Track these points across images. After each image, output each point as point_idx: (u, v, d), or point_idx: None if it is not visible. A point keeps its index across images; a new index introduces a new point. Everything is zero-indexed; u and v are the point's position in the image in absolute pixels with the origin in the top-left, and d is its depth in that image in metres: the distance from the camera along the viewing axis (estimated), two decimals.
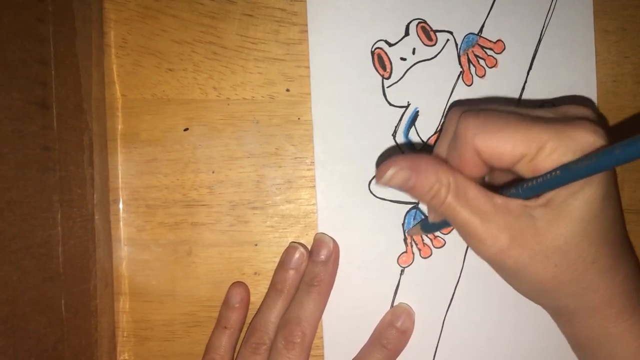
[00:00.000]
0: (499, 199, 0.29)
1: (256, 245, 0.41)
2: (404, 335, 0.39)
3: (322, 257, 0.39)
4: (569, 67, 0.40)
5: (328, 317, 0.40)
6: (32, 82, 0.32)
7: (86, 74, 0.38)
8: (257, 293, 0.41)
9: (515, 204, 0.29)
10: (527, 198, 0.29)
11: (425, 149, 0.40)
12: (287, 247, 0.40)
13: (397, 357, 0.39)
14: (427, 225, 0.37)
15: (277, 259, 0.41)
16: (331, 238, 0.40)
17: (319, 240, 0.40)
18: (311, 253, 0.40)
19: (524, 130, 0.28)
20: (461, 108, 0.31)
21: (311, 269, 0.39)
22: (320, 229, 0.40)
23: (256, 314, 0.40)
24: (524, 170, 0.29)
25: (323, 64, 0.40)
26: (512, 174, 0.32)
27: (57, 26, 0.35)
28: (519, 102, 0.40)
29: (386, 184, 0.30)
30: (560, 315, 0.33)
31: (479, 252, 0.30)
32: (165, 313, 0.41)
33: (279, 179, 0.41)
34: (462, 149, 0.30)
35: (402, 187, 0.30)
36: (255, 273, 0.41)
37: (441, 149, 0.33)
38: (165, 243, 0.41)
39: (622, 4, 0.40)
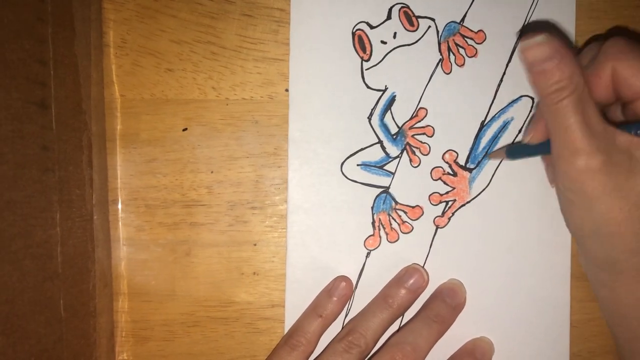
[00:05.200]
0: (610, 127, 0.29)
1: (255, 245, 0.41)
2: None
3: (453, 303, 0.39)
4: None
5: (290, 295, 0.40)
6: (31, 82, 0.32)
7: (85, 74, 0.38)
8: (256, 293, 0.41)
9: (623, 137, 0.29)
10: (637, 135, 0.29)
11: (400, 134, 0.40)
12: (409, 267, 0.40)
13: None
14: (514, 150, 0.37)
15: (276, 259, 0.41)
16: (464, 290, 0.39)
17: (454, 285, 0.39)
18: (441, 292, 0.39)
19: None
20: (605, 38, 0.31)
21: (438, 306, 0.38)
22: (290, 207, 0.40)
23: (359, 316, 0.39)
24: None
25: (303, 42, 0.40)
26: (625, 118, 0.32)
27: (56, 26, 0.35)
28: (496, 94, 0.40)
29: (528, 49, 0.29)
30: (605, 271, 0.32)
31: (568, 164, 0.30)
32: (164, 313, 0.41)
33: (278, 179, 0.41)
34: (601, 65, 0.30)
35: (537, 64, 0.29)
36: (254, 273, 0.41)
37: None
38: (164, 243, 0.41)
39: (621, 4, 0.40)
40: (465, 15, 0.40)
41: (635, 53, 0.30)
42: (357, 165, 0.40)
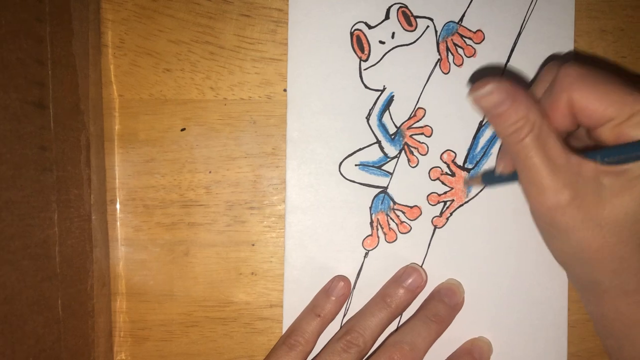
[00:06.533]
0: (575, 158, 0.29)
1: (253, 245, 0.41)
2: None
3: (451, 302, 0.39)
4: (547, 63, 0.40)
5: (289, 295, 0.40)
6: (29, 82, 0.32)
7: (83, 74, 0.38)
8: (254, 293, 0.41)
9: (588, 166, 0.29)
10: (602, 163, 0.29)
11: (398, 134, 0.40)
12: (407, 266, 0.40)
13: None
14: (489, 176, 0.37)
15: (274, 259, 0.41)
16: (462, 290, 0.40)
17: (452, 285, 0.39)
18: (439, 292, 0.39)
19: (621, 93, 0.28)
20: (561, 62, 0.31)
21: (436, 306, 0.38)
22: (289, 207, 0.40)
23: (357, 315, 0.39)
24: (607, 134, 0.29)
25: (301, 42, 0.40)
26: (592, 141, 0.32)
27: (55, 26, 0.35)
28: None
29: (479, 99, 0.30)
30: (591, 291, 0.32)
31: (536, 202, 0.30)
32: (163, 313, 0.41)
33: (276, 179, 0.41)
34: (557, 96, 0.30)
35: (491, 109, 0.30)
36: (252, 273, 0.41)
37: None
38: (163, 243, 0.41)
39: (620, 4, 0.40)
40: (463, 15, 0.40)
41: (589, 80, 0.29)
42: (355, 165, 0.40)
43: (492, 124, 0.31)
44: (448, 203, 0.40)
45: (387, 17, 0.40)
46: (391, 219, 0.40)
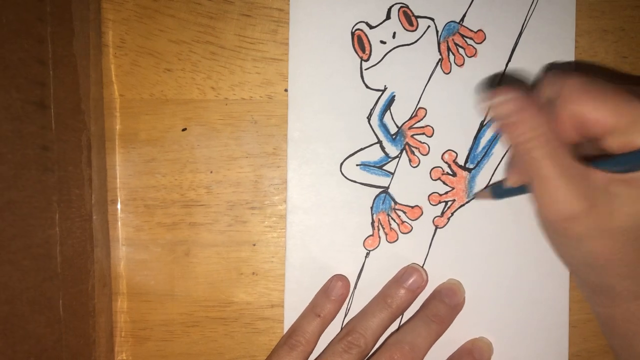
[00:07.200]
0: (584, 168, 0.29)
1: (254, 245, 0.41)
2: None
3: (451, 303, 0.39)
4: (548, 63, 0.40)
5: (290, 295, 0.40)
6: (30, 82, 0.32)
7: (84, 74, 0.38)
8: (255, 293, 0.41)
9: (599, 175, 0.29)
10: (611, 172, 0.29)
11: (399, 134, 0.40)
12: (408, 267, 0.40)
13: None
14: (498, 190, 0.37)
15: (275, 259, 0.41)
16: (463, 290, 0.40)
17: (452, 286, 0.39)
18: (439, 292, 0.39)
19: (625, 101, 0.28)
20: (560, 72, 0.31)
21: (437, 306, 0.38)
22: (290, 207, 0.40)
23: (358, 316, 0.39)
24: (614, 144, 0.29)
25: (302, 42, 0.40)
26: (596, 151, 0.32)
27: (56, 26, 0.35)
28: None
29: (495, 105, 0.30)
30: (602, 294, 0.32)
31: (548, 212, 0.30)
32: (164, 313, 0.41)
33: (277, 179, 0.41)
34: (561, 109, 0.30)
35: (505, 117, 0.30)
36: (253, 273, 0.41)
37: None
38: (164, 243, 0.41)
39: (621, 4, 0.40)
40: (464, 15, 0.40)
41: (593, 91, 0.29)
42: (357, 165, 0.40)
43: (503, 132, 0.31)
44: (449, 203, 0.40)
45: (388, 17, 0.40)
46: (392, 219, 0.40)
